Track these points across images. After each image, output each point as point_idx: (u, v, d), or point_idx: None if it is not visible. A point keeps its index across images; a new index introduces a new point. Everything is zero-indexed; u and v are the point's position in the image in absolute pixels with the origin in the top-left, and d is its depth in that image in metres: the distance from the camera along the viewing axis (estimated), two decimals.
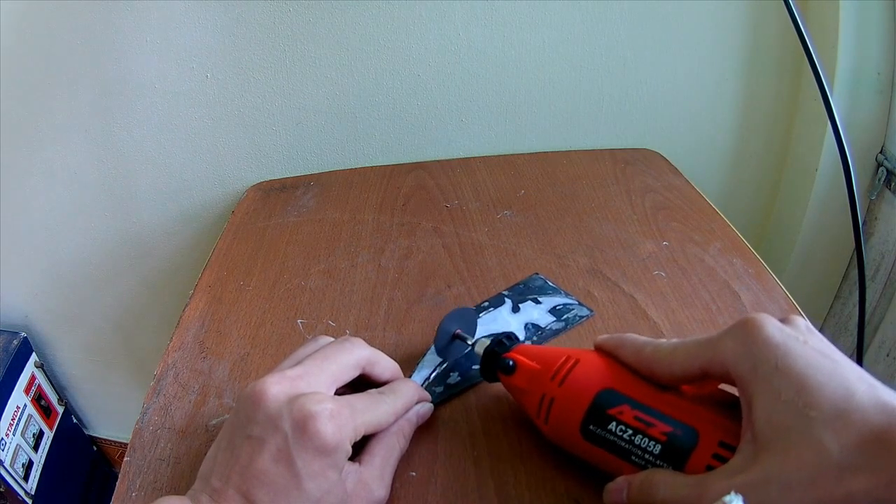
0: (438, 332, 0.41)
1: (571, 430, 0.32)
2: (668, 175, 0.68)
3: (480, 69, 0.71)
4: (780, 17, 0.68)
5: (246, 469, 0.30)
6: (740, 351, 0.27)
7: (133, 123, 0.73)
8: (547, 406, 0.33)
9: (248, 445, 0.30)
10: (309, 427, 0.29)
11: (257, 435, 0.30)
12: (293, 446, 0.29)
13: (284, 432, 0.29)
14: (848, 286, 0.80)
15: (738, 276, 0.50)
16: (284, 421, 0.30)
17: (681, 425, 0.29)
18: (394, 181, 0.70)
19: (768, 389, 0.26)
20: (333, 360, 0.35)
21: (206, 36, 0.67)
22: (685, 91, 0.74)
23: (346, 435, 0.30)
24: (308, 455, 0.29)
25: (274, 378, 0.32)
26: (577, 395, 0.32)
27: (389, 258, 0.56)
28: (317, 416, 0.29)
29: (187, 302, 0.53)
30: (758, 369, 0.27)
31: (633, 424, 0.30)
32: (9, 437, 0.87)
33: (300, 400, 0.30)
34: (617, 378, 0.32)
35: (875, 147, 0.71)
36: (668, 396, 0.31)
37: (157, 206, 0.80)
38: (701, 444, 0.28)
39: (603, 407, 0.31)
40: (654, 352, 0.31)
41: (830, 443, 0.24)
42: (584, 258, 0.54)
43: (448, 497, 0.34)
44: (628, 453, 0.30)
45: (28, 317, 0.93)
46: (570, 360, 0.33)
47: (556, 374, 0.33)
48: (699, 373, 0.29)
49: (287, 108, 0.72)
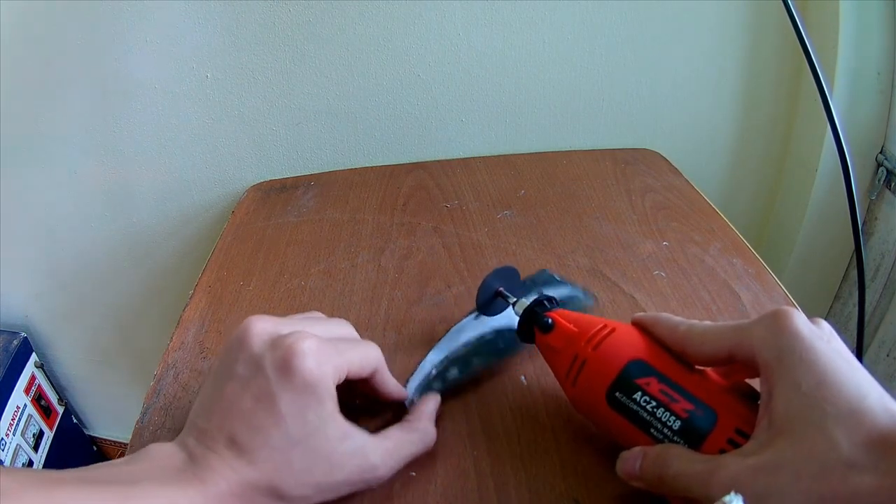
0: (481, 289, 0.42)
1: (597, 394, 0.33)
2: (668, 175, 0.68)
3: (480, 69, 0.71)
4: (779, 17, 0.68)
5: (229, 407, 0.30)
6: (769, 339, 0.28)
7: (133, 123, 0.73)
8: (578, 367, 0.34)
9: (232, 385, 0.31)
10: (288, 363, 0.30)
11: (241, 372, 0.31)
12: (275, 385, 0.30)
13: (265, 370, 0.30)
14: (848, 286, 0.80)
15: (738, 276, 0.50)
16: (266, 360, 0.30)
17: (702, 406, 0.30)
18: (394, 181, 0.70)
19: (790, 379, 0.27)
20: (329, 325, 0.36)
21: (206, 36, 0.67)
22: (685, 91, 0.74)
23: (326, 371, 0.31)
24: (288, 393, 0.30)
25: (258, 318, 0.33)
26: (609, 361, 0.33)
27: (389, 258, 0.56)
28: (298, 353, 0.30)
29: (187, 302, 0.53)
30: (783, 359, 0.27)
31: (658, 397, 0.31)
32: (9, 437, 0.87)
33: (283, 338, 0.31)
34: (649, 351, 0.33)
35: (875, 147, 0.71)
36: (695, 377, 0.31)
37: (157, 206, 0.80)
38: (718, 426, 0.29)
39: (631, 376, 0.32)
40: (688, 330, 0.32)
41: (841, 438, 0.25)
42: (584, 258, 0.54)
43: (448, 497, 0.34)
44: (648, 425, 0.31)
45: (28, 317, 0.93)
46: (607, 327, 0.34)
47: (592, 339, 0.34)
48: (727, 355, 0.30)
49: (287, 108, 0.72)
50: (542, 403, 0.40)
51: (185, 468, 0.29)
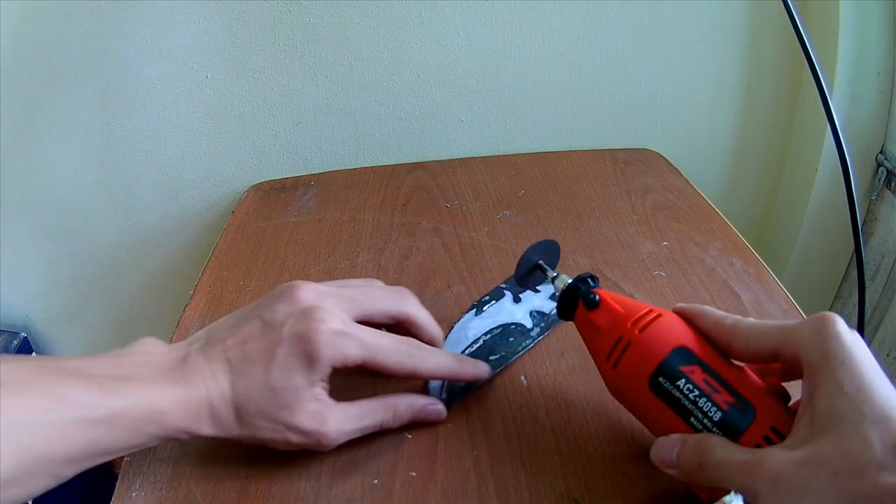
0: (521, 261, 0.41)
1: (640, 378, 0.32)
2: (668, 175, 0.68)
3: (480, 69, 0.71)
4: (779, 17, 0.68)
5: (241, 339, 0.34)
6: (815, 340, 0.29)
7: (133, 123, 0.73)
8: (622, 349, 0.33)
9: (255, 323, 0.35)
10: (304, 333, 0.33)
11: (266, 318, 0.35)
12: (283, 342, 0.33)
13: (283, 330, 0.34)
14: (848, 286, 0.80)
15: (738, 276, 0.50)
16: (291, 320, 0.34)
17: (743, 400, 0.30)
18: (394, 181, 0.70)
19: (833, 380, 0.28)
20: (371, 299, 0.37)
21: (206, 36, 0.67)
22: (685, 91, 0.74)
23: (333, 355, 0.33)
24: (290, 352, 0.33)
25: (308, 286, 0.36)
26: (655, 345, 0.32)
27: (389, 258, 0.56)
28: (316, 330, 0.33)
29: (187, 302, 0.53)
30: (827, 360, 0.28)
31: (701, 386, 0.31)
32: None
33: (312, 310, 0.34)
34: (694, 340, 0.33)
35: (875, 147, 0.71)
36: (737, 372, 0.32)
37: (157, 206, 0.80)
38: (756, 423, 0.29)
39: (676, 363, 0.32)
40: (735, 324, 0.32)
41: (875, 440, 0.25)
42: (584, 258, 0.54)
43: (448, 497, 0.34)
44: (689, 413, 0.31)
45: (28, 317, 0.93)
46: (653, 312, 0.34)
47: (638, 322, 0.33)
48: (772, 353, 0.31)
49: (287, 108, 0.72)
50: (542, 403, 0.40)
51: (173, 368, 0.33)
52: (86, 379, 0.31)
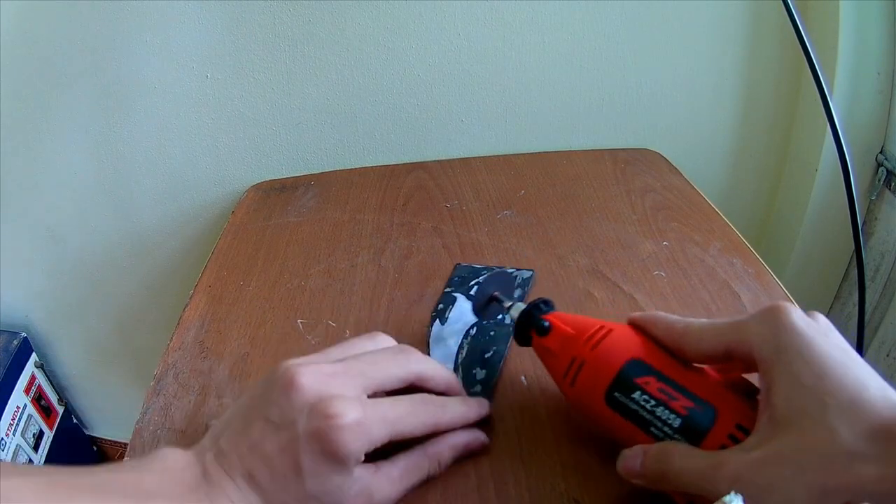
0: (477, 292, 0.42)
1: (596, 395, 0.33)
2: (668, 175, 0.68)
3: (480, 69, 0.71)
4: (779, 17, 0.68)
5: (254, 446, 0.30)
6: (767, 335, 0.28)
7: (133, 123, 0.73)
8: (576, 369, 0.33)
9: (263, 425, 0.30)
10: (323, 434, 0.29)
11: (274, 419, 0.30)
12: (303, 446, 0.29)
13: (298, 430, 0.29)
14: (848, 286, 0.80)
15: (738, 276, 0.50)
16: (302, 418, 0.30)
17: (702, 402, 0.30)
18: (394, 181, 0.70)
19: (789, 373, 0.27)
20: (379, 368, 0.34)
21: (206, 36, 0.67)
22: (685, 91, 0.74)
23: (360, 447, 0.30)
24: (315, 458, 0.29)
25: (309, 369, 0.31)
26: (607, 361, 0.33)
27: (389, 258, 0.56)
28: (333, 427, 0.29)
29: (187, 302, 0.53)
30: (781, 353, 0.28)
31: (657, 396, 0.31)
32: (9, 437, 0.87)
33: (323, 404, 0.30)
34: (647, 350, 0.33)
35: (875, 147, 0.71)
36: (694, 375, 0.32)
37: (157, 206, 0.80)
38: (719, 423, 0.29)
39: (630, 376, 0.32)
40: (685, 329, 0.32)
41: (843, 430, 0.25)
42: (584, 258, 0.54)
43: (448, 497, 0.34)
44: (648, 424, 0.31)
45: (28, 317, 0.93)
46: (604, 328, 0.34)
47: (590, 340, 0.34)
48: (725, 352, 0.30)
49: (287, 108, 0.72)
50: (542, 403, 0.40)
51: (197, 486, 0.29)
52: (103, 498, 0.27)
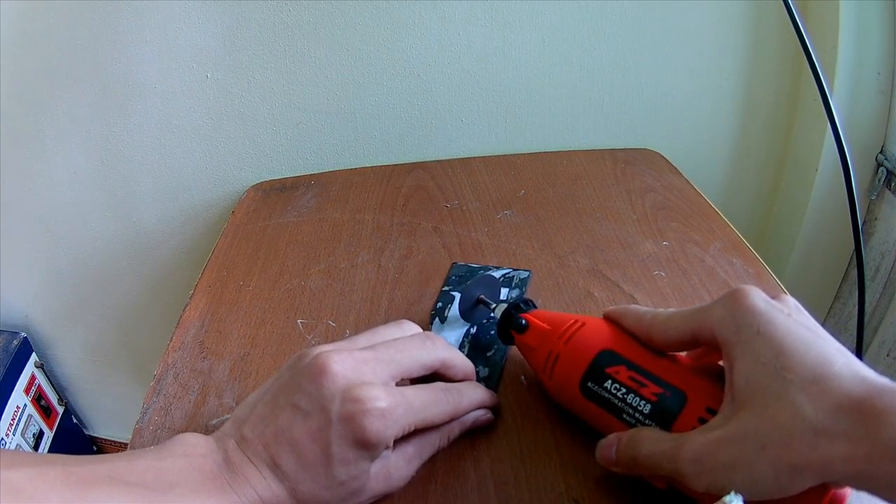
0: (462, 297, 0.43)
1: (572, 385, 0.34)
2: (668, 175, 0.68)
3: (480, 69, 0.71)
4: (780, 17, 0.68)
5: (281, 433, 0.30)
6: (726, 317, 0.29)
7: (133, 123, 0.73)
8: (553, 362, 0.36)
9: (291, 412, 0.30)
10: (356, 420, 0.29)
11: (304, 406, 0.30)
12: (334, 433, 0.29)
13: (330, 416, 0.30)
14: (848, 286, 0.80)
15: (738, 276, 0.50)
16: (334, 405, 0.30)
17: (671, 388, 0.31)
18: (394, 181, 0.70)
19: (748, 352, 0.27)
20: (408, 355, 0.34)
21: (206, 36, 0.67)
22: (685, 91, 0.74)
23: (391, 434, 0.31)
24: (346, 445, 0.30)
25: (340, 356, 0.31)
26: (580, 354, 0.34)
27: (389, 258, 0.56)
28: (366, 412, 0.29)
29: (187, 302, 0.53)
30: (740, 333, 0.28)
31: (627, 384, 0.32)
32: (9, 437, 0.87)
33: (356, 390, 0.30)
34: (618, 341, 0.34)
35: (875, 147, 0.71)
36: (664, 362, 0.33)
37: (157, 206, 0.80)
38: (688, 406, 0.30)
39: (601, 365, 0.33)
40: (653, 318, 0.33)
41: (806, 406, 0.25)
42: (584, 258, 0.54)
43: (448, 497, 0.34)
44: (620, 411, 0.32)
45: (28, 317, 0.93)
46: (578, 322, 0.36)
47: (564, 334, 0.36)
48: (691, 338, 0.31)
49: (287, 108, 0.72)
50: (542, 403, 0.40)
51: (219, 473, 0.29)
52: (122, 489, 0.26)
